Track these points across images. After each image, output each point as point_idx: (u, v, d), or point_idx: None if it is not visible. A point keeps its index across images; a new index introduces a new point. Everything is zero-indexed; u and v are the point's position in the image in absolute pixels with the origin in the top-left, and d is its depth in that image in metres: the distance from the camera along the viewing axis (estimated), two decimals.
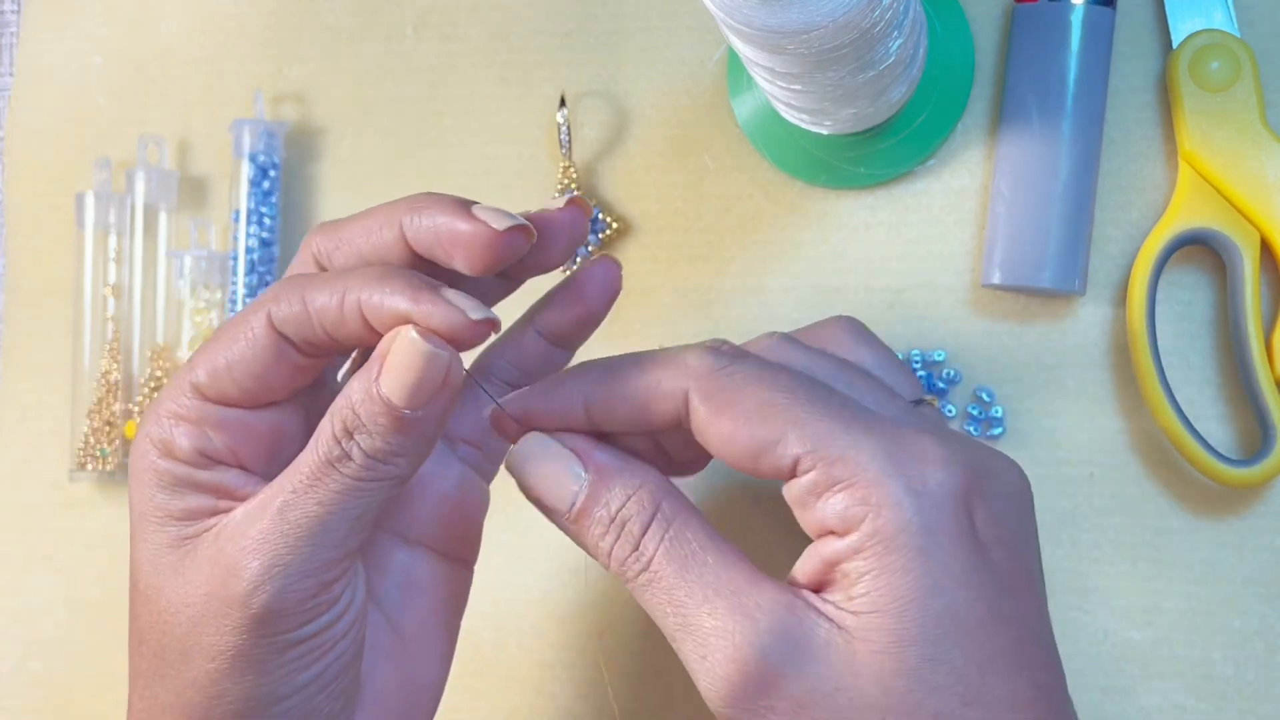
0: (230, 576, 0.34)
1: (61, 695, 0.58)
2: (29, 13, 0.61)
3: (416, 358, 0.33)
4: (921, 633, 0.30)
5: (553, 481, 0.35)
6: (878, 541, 0.31)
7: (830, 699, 0.30)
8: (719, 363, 0.34)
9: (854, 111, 0.49)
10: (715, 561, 0.33)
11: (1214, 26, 0.50)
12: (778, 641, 0.31)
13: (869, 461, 0.31)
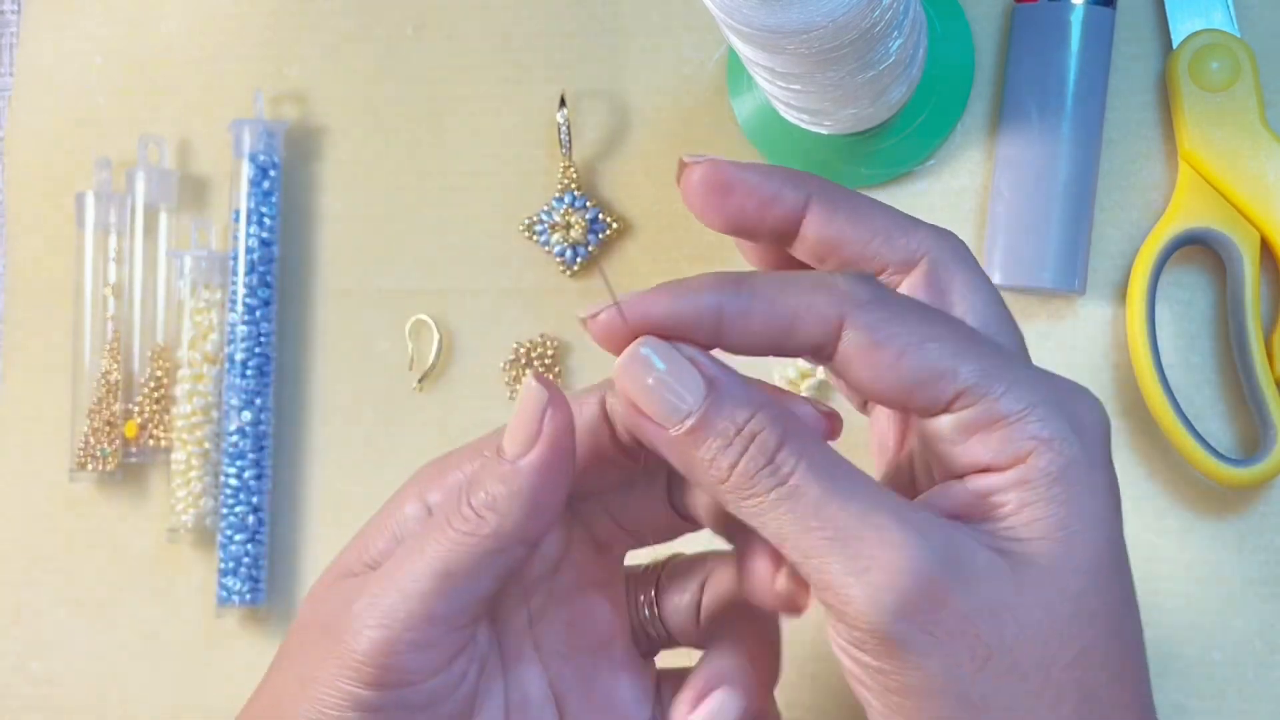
0: (343, 611, 0.34)
1: (62, 695, 0.58)
2: (29, 13, 0.61)
3: (528, 400, 0.34)
4: (1084, 561, 0.31)
5: (665, 390, 0.32)
6: (1044, 474, 0.31)
7: (995, 618, 0.30)
8: (874, 293, 0.33)
9: (854, 112, 0.49)
10: (863, 480, 0.32)
11: (1214, 26, 0.50)
12: (947, 557, 0.30)
13: (1033, 397, 0.31)
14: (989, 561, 0.31)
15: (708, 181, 0.36)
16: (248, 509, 0.55)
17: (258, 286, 0.56)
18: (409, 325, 0.56)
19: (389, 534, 0.36)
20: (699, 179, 0.36)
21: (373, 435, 0.56)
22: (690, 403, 0.32)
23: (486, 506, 0.33)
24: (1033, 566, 0.31)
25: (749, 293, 0.33)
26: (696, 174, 0.36)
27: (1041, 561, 0.31)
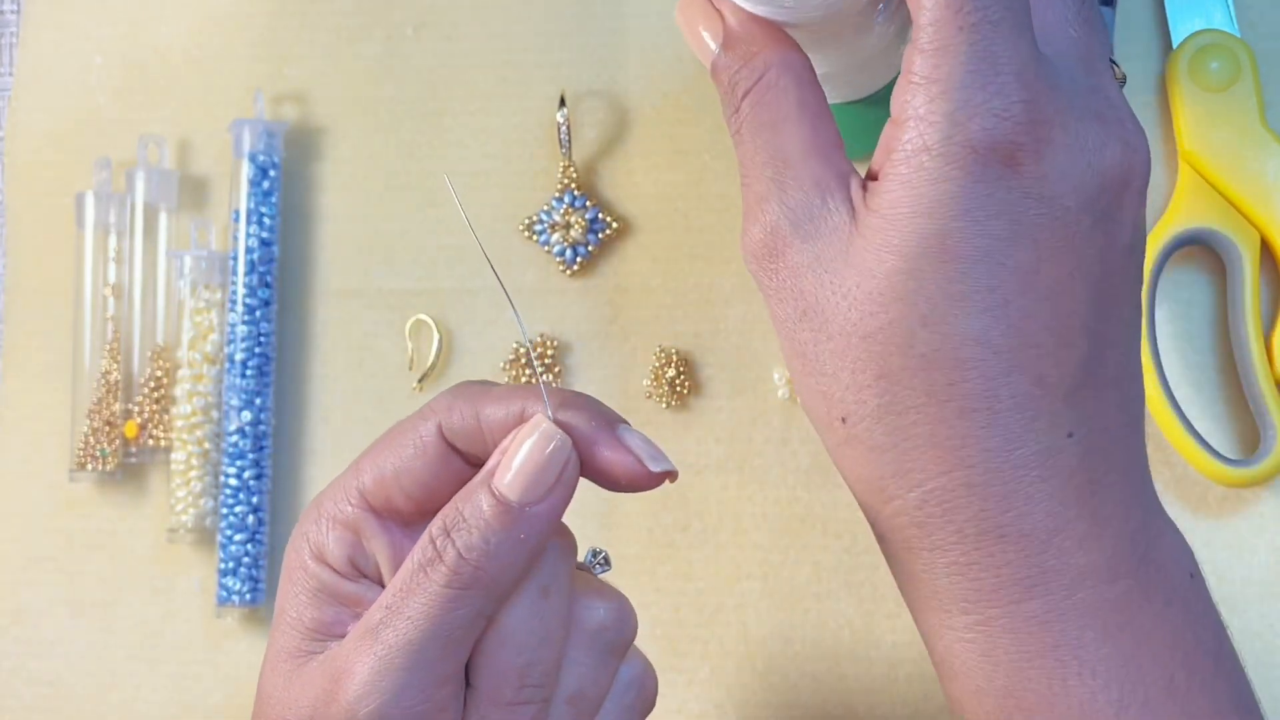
0: (329, 701, 0.33)
1: (62, 695, 0.58)
2: (29, 13, 0.61)
3: (539, 446, 0.33)
4: (902, 245, 0.31)
5: (699, 35, 0.36)
6: (905, 150, 0.31)
7: (816, 275, 0.33)
8: None
9: (858, 78, 0.49)
10: (787, 132, 0.34)
11: (1214, 26, 0.50)
12: (795, 214, 0.33)
13: (950, 66, 0.31)
14: (835, 225, 0.33)
15: None
16: (248, 509, 0.55)
17: (258, 286, 0.56)
18: (409, 325, 0.56)
19: (305, 597, 0.35)
20: None
21: (373, 435, 0.56)
22: (712, 48, 0.35)
23: (485, 555, 0.33)
24: (861, 238, 0.32)
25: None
26: None
27: (868, 234, 0.32)
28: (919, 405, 0.32)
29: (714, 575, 0.53)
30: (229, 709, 0.56)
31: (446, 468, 0.35)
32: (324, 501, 0.36)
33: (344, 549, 0.35)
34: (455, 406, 0.35)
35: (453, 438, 0.35)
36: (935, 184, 0.31)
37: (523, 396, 0.35)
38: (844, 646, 0.52)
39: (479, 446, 0.35)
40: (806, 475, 0.53)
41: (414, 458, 0.35)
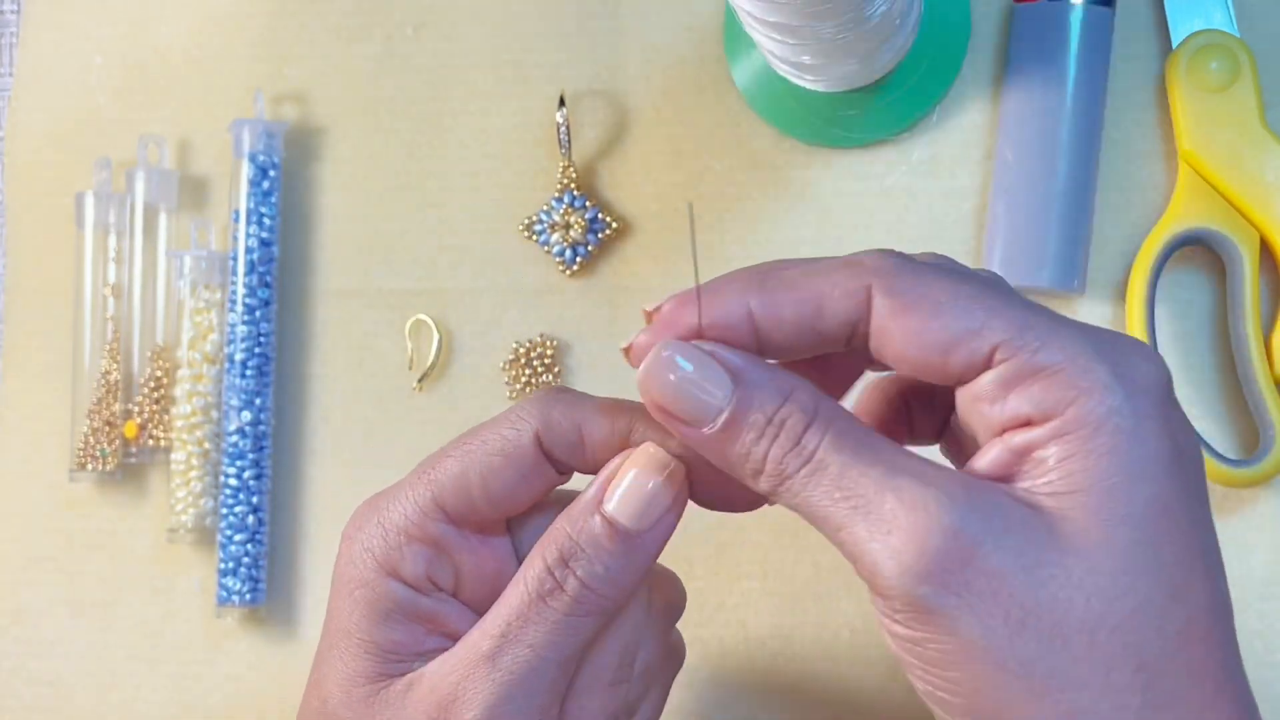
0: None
1: (62, 695, 0.58)
2: (29, 13, 0.61)
3: (653, 472, 0.33)
4: (1130, 514, 0.28)
5: (695, 390, 0.31)
6: (1084, 424, 0.29)
7: (1030, 575, 0.28)
8: (901, 261, 0.32)
9: (848, 68, 0.49)
10: (890, 447, 0.31)
11: (1213, 26, 0.50)
12: (972, 513, 0.29)
13: (1074, 348, 0.29)
14: (1023, 518, 0.29)
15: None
16: (247, 509, 0.55)
17: (257, 286, 0.56)
18: (409, 325, 0.56)
19: (376, 617, 0.34)
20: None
21: (373, 435, 0.57)
22: (720, 399, 0.31)
23: (606, 582, 0.33)
24: (1073, 521, 0.29)
25: (777, 280, 0.32)
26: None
27: (1082, 516, 0.29)
28: (1182, 692, 0.29)
29: (714, 575, 0.53)
30: (229, 709, 0.56)
31: (539, 475, 0.34)
32: (387, 511, 0.34)
33: (421, 564, 0.34)
34: (555, 416, 0.34)
35: (550, 447, 0.34)
36: (1141, 443, 0.29)
37: (629, 414, 0.34)
38: (844, 646, 0.52)
39: (577, 458, 0.34)
40: None
41: (504, 464, 0.34)
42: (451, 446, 0.34)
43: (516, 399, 0.55)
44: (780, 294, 0.32)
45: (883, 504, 0.29)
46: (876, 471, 0.30)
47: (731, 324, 0.32)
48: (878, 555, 0.29)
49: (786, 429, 0.31)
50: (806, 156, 0.54)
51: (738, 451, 0.31)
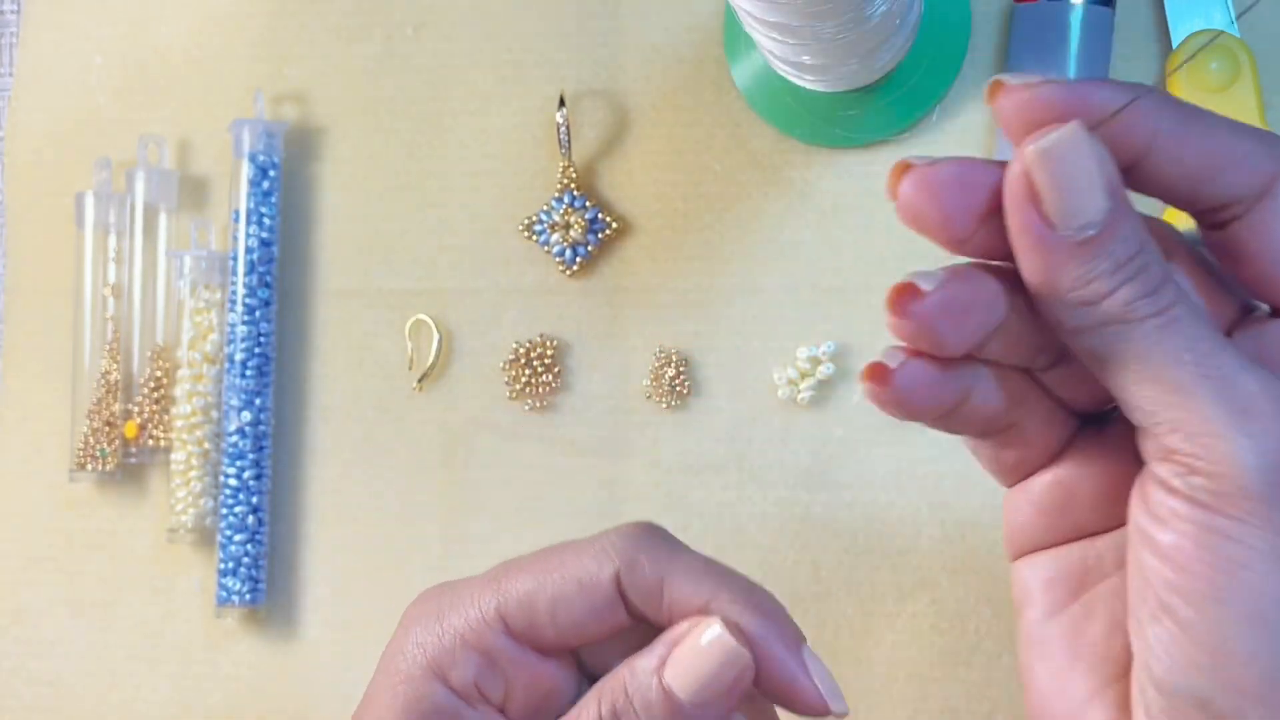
0: None
1: (62, 695, 0.58)
2: (29, 13, 0.61)
3: (716, 654, 0.31)
4: None
5: (1077, 188, 0.28)
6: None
7: None
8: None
9: (848, 68, 0.49)
10: (1232, 344, 0.29)
11: (1213, 27, 0.50)
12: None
13: None
14: None
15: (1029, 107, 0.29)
16: (247, 509, 0.55)
17: (258, 286, 0.56)
18: (409, 325, 0.56)
19: (412, 716, 0.33)
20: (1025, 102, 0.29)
21: (373, 435, 0.57)
22: (1093, 213, 0.28)
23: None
24: None
25: (1193, 119, 0.29)
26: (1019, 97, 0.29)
27: None
28: None
29: None
30: (228, 708, 0.56)
31: (610, 614, 0.33)
32: (449, 611, 0.33)
33: (472, 671, 0.33)
34: (640, 563, 0.33)
35: (629, 590, 0.33)
36: None
37: (715, 582, 0.32)
38: (843, 646, 0.52)
39: (652, 609, 0.33)
40: (806, 475, 0.53)
41: (576, 594, 0.33)
42: (530, 560, 0.33)
43: (516, 399, 0.55)
44: (1194, 132, 0.29)
45: (1243, 383, 0.27)
46: (1230, 352, 0.28)
47: (1133, 136, 0.29)
48: (1228, 436, 0.27)
49: (1145, 274, 0.28)
50: (806, 156, 0.54)
51: (1079, 273, 0.28)
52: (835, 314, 0.53)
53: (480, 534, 0.55)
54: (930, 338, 0.30)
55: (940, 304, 0.30)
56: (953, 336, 0.30)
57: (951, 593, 0.51)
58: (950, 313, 0.30)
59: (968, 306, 0.30)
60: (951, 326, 0.30)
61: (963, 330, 0.30)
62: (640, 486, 0.54)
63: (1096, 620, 0.32)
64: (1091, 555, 0.32)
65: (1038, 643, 0.32)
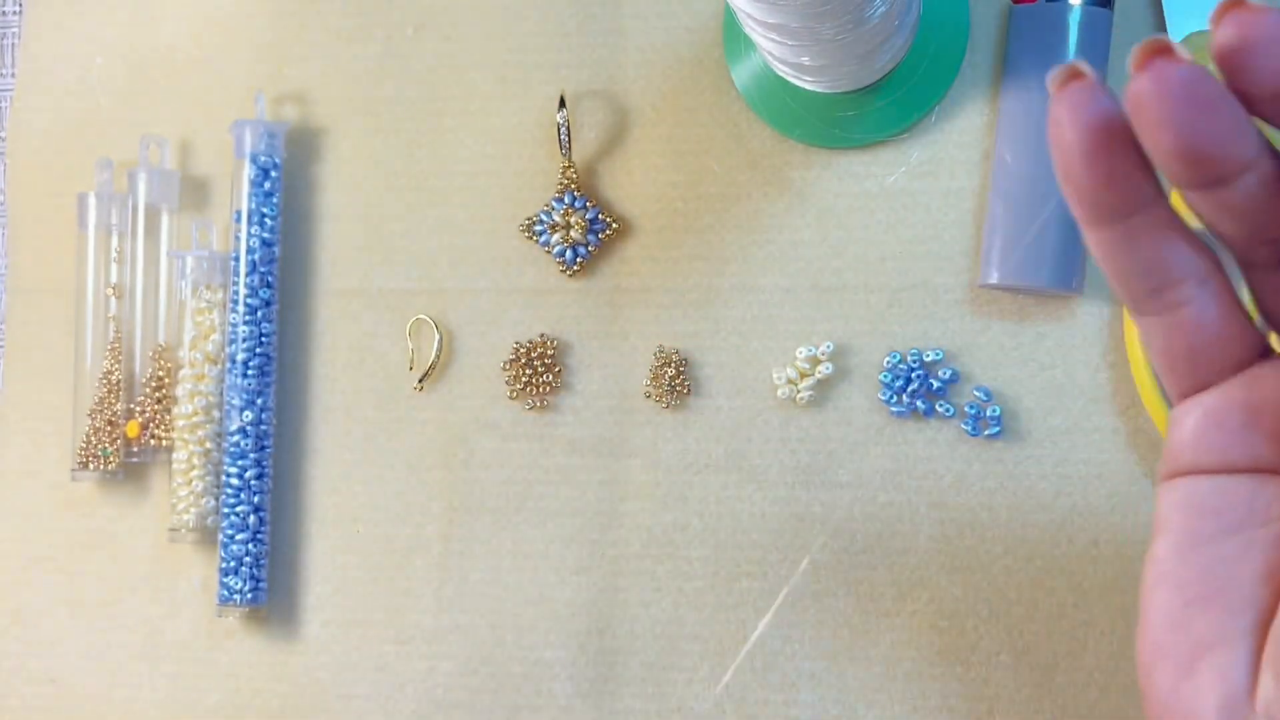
0: None
1: (63, 694, 0.58)
2: (31, 14, 0.62)
3: None
4: None
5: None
6: None
7: None
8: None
9: (845, 70, 0.49)
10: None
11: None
12: None
13: None
14: None
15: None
16: (249, 508, 0.55)
17: (259, 287, 0.56)
18: (409, 325, 0.57)
19: None
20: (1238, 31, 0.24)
21: (373, 435, 0.57)
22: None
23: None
24: None
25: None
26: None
27: None
28: None
29: (713, 574, 0.53)
30: (230, 708, 0.56)
31: None
32: None
33: None
34: None
35: None
36: None
37: None
38: (842, 645, 0.52)
39: None
40: (805, 475, 0.53)
41: None
42: None
43: (517, 399, 0.55)
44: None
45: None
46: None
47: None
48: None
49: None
50: (806, 157, 0.54)
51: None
52: (835, 314, 0.53)
53: (480, 534, 0.55)
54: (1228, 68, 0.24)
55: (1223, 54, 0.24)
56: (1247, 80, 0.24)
57: (950, 592, 0.51)
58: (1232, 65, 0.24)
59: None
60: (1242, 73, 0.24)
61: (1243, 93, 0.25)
62: (640, 486, 0.54)
63: (1250, 563, 0.29)
64: (1263, 496, 0.29)
65: (1170, 573, 0.29)
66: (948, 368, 0.52)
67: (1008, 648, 0.51)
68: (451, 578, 0.55)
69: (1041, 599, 0.51)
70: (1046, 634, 0.51)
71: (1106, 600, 0.50)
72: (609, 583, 0.54)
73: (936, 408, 0.52)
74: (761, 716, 0.52)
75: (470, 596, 0.55)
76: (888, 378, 0.52)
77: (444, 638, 0.55)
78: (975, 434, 0.51)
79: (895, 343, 0.52)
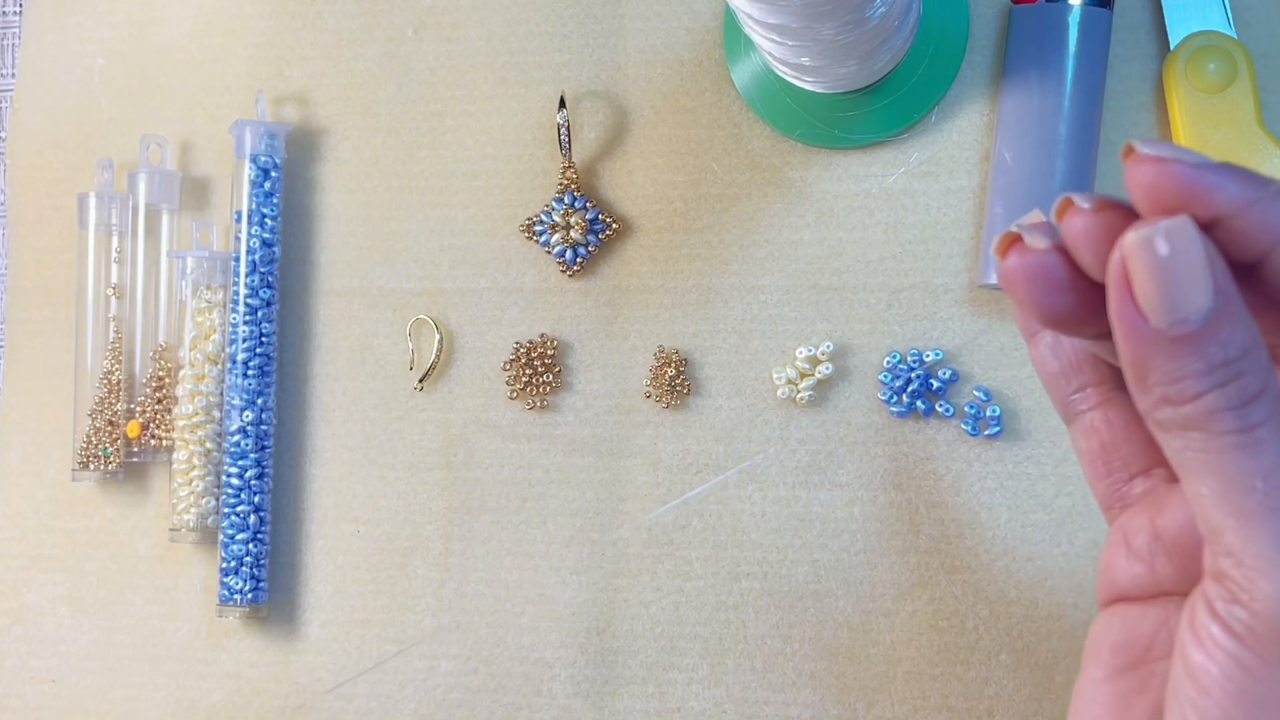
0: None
1: (63, 694, 0.58)
2: (31, 14, 0.62)
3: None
4: None
5: (1175, 282, 0.26)
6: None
7: None
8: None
9: (845, 70, 0.49)
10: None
11: (1211, 28, 0.50)
12: None
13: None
14: None
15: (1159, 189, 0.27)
16: (249, 508, 0.55)
17: (260, 287, 0.56)
18: (409, 325, 0.57)
19: None
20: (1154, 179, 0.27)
21: (373, 435, 0.57)
22: (1190, 310, 0.27)
23: None
24: None
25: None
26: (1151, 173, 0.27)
27: None
28: None
29: (713, 574, 0.53)
30: (230, 707, 0.56)
31: None
32: None
33: None
34: None
35: None
36: None
37: None
38: (842, 645, 0.52)
39: None
40: (805, 474, 0.53)
41: None
42: None
43: (517, 399, 0.55)
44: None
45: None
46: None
47: (1228, 209, 0.27)
48: (1275, 574, 0.26)
49: (1239, 383, 0.27)
50: (805, 157, 0.54)
51: (1168, 369, 0.27)
52: (834, 314, 0.53)
53: (480, 534, 0.55)
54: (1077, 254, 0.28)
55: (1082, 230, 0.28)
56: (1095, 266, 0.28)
57: (949, 591, 0.51)
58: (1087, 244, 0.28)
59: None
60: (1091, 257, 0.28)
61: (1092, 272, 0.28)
62: (640, 486, 0.54)
63: (1148, 696, 0.31)
64: (1167, 628, 0.31)
65: (1089, 701, 0.32)
66: (948, 368, 0.52)
67: (1008, 648, 0.51)
68: (451, 578, 0.55)
69: (1041, 599, 0.51)
70: (1046, 634, 0.51)
71: None
72: (609, 583, 0.54)
73: (936, 408, 0.52)
74: (761, 716, 0.52)
75: (470, 596, 0.55)
76: (887, 378, 0.52)
77: (444, 638, 0.55)
78: (975, 434, 0.51)
79: (895, 343, 0.52)
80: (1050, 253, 0.28)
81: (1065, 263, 0.28)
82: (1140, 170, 0.27)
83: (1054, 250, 0.28)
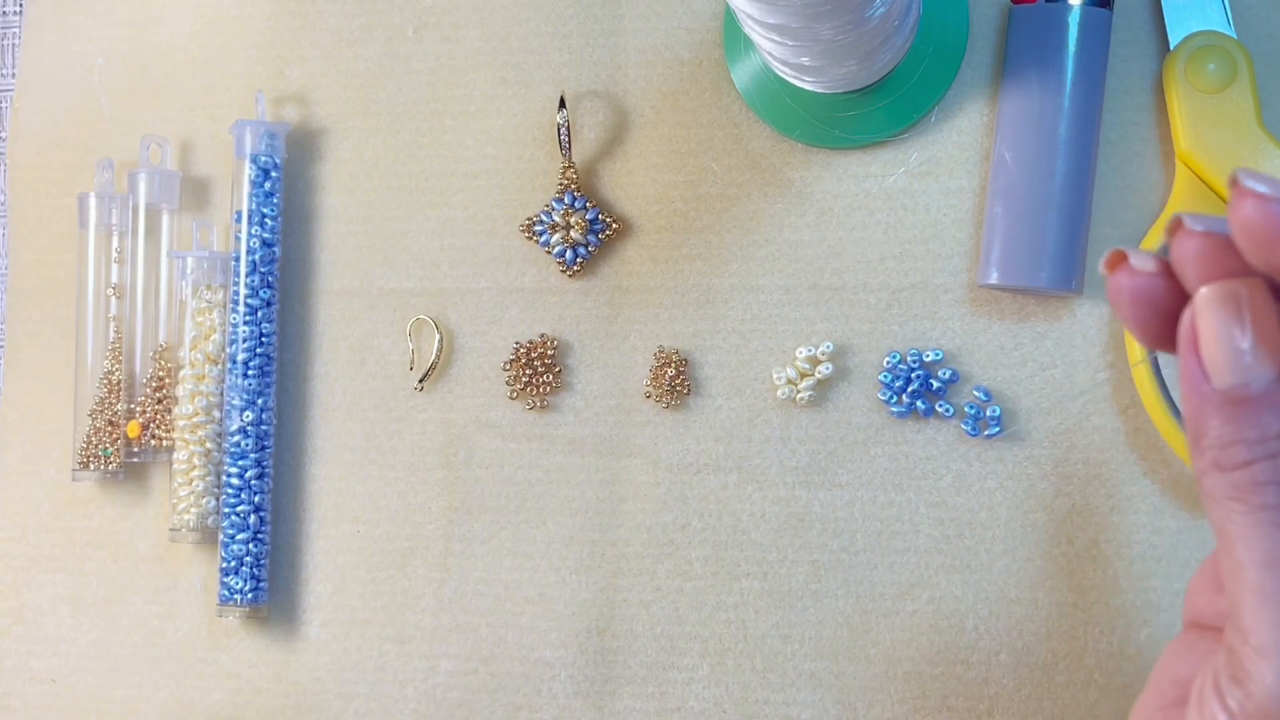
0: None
1: (64, 693, 0.58)
2: (31, 14, 0.62)
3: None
4: None
5: (1242, 346, 0.27)
6: None
7: None
8: None
9: (845, 70, 0.49)
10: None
11: (1211, 28, 0.50)
12: None
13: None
14: None
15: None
16: (250, 508, 0.55)
17: (260, 287, 0.56)
18: (409, 325, 0.57)
19: None
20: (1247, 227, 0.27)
21: (373, 435, 0.57)
22: (1251, 375, 0.27)
23: None
24: None
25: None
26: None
27: None
28: None
29: (713, 574, 0.53)
30: (230, 708, 0.56)
31: None
32: None
33: None
34: None
35: None
36: None
37: None
38: (842, 645, 0.52)
39: None
40: (805, 474, 0.53)
41: None
42: None
43: (517, 399, 0.55)
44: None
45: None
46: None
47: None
48: (1276, 661, 0.26)
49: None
50: (805, 157, 0.54)
51: (1221, 431, 0.27)
52: (834, 314, 0.53)
53: (480, 534, 0.55)
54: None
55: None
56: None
57: (949, 591, 0.51)
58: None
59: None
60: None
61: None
62: (640, 486, 0.54)
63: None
64: (1209, 663, 0.31)
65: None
66: (947, 368, 0.52)
67: (1008, 648, 0.51)
68: (451, 578, 0.55)
69: (1041, 599, 0.51)
70: (1046, 634, 0.51)
71: (1106, 600, 0.50)
72: (609, 583, 0.54)
73: (936, 408, 0.52)
74: (761, 716, 0.52)
75: (470, 596, 0.55)
76: (887, 378, 0.52)
77: (444, 638, 0.55)
78: (975, 434, 0.51)
79: (895, 343, 0.52)
80: (1156, 277, 0.28)
81: (1169, 286, 0.28)
82: (1244, 206, 0.26)
83: (1159, 275, 0.28)
